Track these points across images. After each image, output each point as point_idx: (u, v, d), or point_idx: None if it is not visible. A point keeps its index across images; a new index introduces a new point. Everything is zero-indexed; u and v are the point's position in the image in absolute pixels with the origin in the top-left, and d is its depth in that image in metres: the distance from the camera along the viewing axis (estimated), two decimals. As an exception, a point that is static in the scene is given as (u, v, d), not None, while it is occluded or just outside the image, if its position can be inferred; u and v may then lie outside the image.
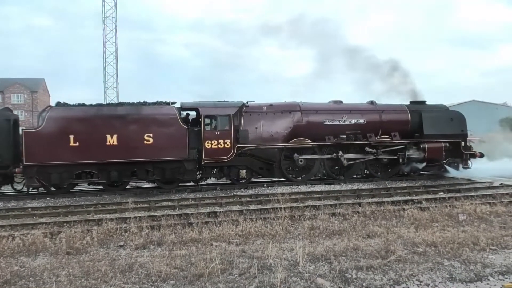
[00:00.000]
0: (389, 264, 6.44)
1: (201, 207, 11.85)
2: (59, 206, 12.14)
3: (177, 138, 14.48)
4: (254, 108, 16.12)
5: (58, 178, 13.99)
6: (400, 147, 16.80)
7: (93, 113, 14.18)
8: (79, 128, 13.86)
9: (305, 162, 16.03)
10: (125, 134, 14.10)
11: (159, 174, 14.76)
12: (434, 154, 16.86)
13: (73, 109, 14.31)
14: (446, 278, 5.87)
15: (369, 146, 16.56)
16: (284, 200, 10.96)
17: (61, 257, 7.32)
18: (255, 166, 15.87)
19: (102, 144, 13.91)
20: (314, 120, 16.52)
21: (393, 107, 17.83)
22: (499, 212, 10.16)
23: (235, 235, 8.48)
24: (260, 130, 15.95)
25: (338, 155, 16.06)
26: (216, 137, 14.95)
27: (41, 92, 58.40)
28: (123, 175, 14.56)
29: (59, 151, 13.62)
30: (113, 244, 8.20)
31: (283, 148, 15.94)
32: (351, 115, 16.89)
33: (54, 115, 13.88)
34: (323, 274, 6.04)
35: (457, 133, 17.40)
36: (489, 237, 7.73)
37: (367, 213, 10.19)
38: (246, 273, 6.15)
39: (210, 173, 15.73)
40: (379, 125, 17.10)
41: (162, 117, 14.56)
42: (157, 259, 6.80)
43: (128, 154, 14.08)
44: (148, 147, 14.21)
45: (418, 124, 17.31)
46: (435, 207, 10.74)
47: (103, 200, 13.26)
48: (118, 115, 14.27)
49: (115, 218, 10.20)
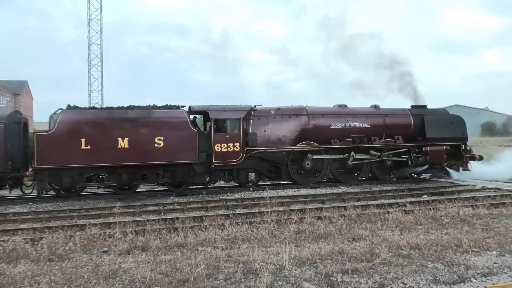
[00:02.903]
0: (374, 267, 6.48)
1: (186, 211, 11.76)
2: (41, 212, 11.91)
3: (187, 141, 14.64)
4: (262, 112, 16.38)
5: (70, 181, 13.93)
6: (404, 150, 17.21)
7: (105, 116, 14.24)
8: (91, 131, 13.91)
9: (312, 165, 16.31)
10: (136, 137, 14.20)
11: (169, 177, 14.89)
12: (436, 157, 17.25)
13: (85, 112, 14.39)
14: (430, 280, 5.93)
15: (374, 149, 16.92)
16: (270, 204, 10.96)
17: (42, 263, 7.16)
18: (264, 169, 16.12)
19: (114, 147, 13.96)
20: (320, 124, 16.83)
21: (396, 111, 18.25)
22: (481, 214, 10.32)
23: (221, 239, 8.43)
24: (268, 133, 16.22)
25: (350, 154, 16.44)
26: (225, 141, 15.17)
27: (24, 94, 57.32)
28: (134, 178, 14.61)
29: (70, 154, 13.63)
30: (96, 250, 8.06)
31: (290, 151, 16.20)
32: (356, 119, 17.24)
33: (66, 118, 13.86)
34: (309, 278, 6.04)
35: (457, 136, 17.89)
36: (472, 239, 7.85)
37: (353, 216, 10.25)
38: (232, 277, 6.11)
39: (219, 176, 15.91)
40: (383, 129, 17.51)
41: (173, 121, 14.70)
42: (141, 265, 6.71)
43: (139, 157, 14.18)
44: (159, 150, 14.34)
45: (420, 128, 17.75)
46: (419, 210, 10.84)
47: (87, 205, 13.07)
48: (130, 118, 14.32)
49: (98, 223, 10.06)
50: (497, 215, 10.46)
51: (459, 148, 17.77)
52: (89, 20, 40.73)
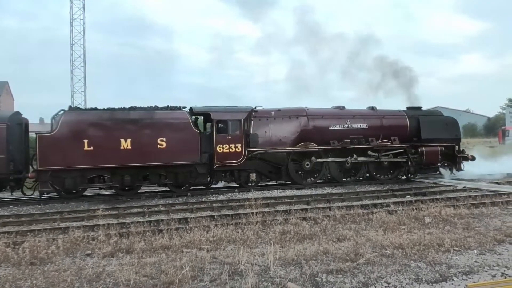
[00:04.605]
0: (358, 267, 6.55)
1: (171, 213, 11.69)
2: (22, 215, 11.70)
3: (189, 142, 14.72)
4: (262, 113, 16.53)
5: (72, 183, 13.83)
6: (400, 151, 17.54)
7: (107, 117, 14.14)
8: (93, 132, 13.86)
9: (311, 166, 16.46)
10: (139, 139, 14.20)
11: (171, 178, 14.92)
12: (431, 158, 17.66)
13: (87, 113, 14.32)
14: (413, 279, 6.02)
15: (371, 150, 17.18)
16: (255, 205, 10.98)
17: (24, 267, 7.02)
18: (265, 169, 16.25)
19: (116, 148, 13.93)
20: (320, 125, 17.06)
21: (393, 113, 18.60)
22: (462, 214, 10.51)
23: (206, 241, 8.40)
24: (269, 134, 16.38)
25: (352, 157, 16.74)
26: (227, 142, 15.29)
27: (4, 95, 56.31)
28: (136, 179, 14.56)
29: (73, 155, 13.54)
30: (79, 253, 7.95)
31: (291, 152, 16.32)
32: (354, 120, 17.54)
33: (69, 119, 13.76)
34: (294, 279, 6.07)
35: (451, 137, 18.36)
36: (453, 239, 7.99)
37: (337, 217, 10.32)
38: (217, 279, 6.10)
39: (221, 176, 15.98)
40: (380, 130, 17.83)
41: (175, 122, 14.77)
42: (125, 268, 6.65)
43: (142, 158, 14.17)
44: (161, 151, 14.37)
45: (416, 129, 18.15)
46: (402, 210, 11.00)
47: (70, 207, 12.87)
48: (132, 119, 14.30)
49: (82, 226, 9.93)
50: (478, 214, 10.67)
51: (453, 149, 18.25)
52: (72, 20, 40.16)
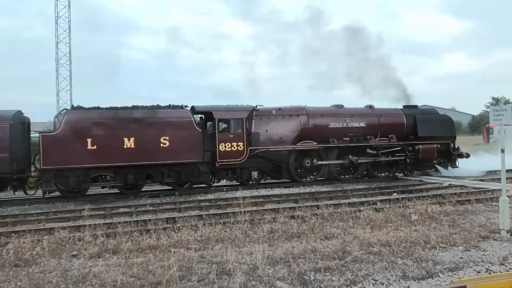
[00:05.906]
0: (346, 264, 6.59)
1: (159, 212, 11.62)
2: (7, 215, 11.50)
3: (192, 141, 14.78)
4: (264, 112, 16.63)
5: (76, 182, 13.74)
6: (397, 149, 17.83)
7: (111, 116, 14.09)
8: (97, 132, 13.82)
9: (311, 164, 16.62)
10: (142, 137, 14.19)
11: (174, 176, 14.92)
12: (427, 155, 18.00)
13: (90, 112, 14.19)
14: (400, 276, 6.08)
15: (370, 148, 17.44)
16: (244, 204, 10.97)
17: (8, 269, 6.90)
18: (266, 167, 16.36)
19: (120, 147, 13.91)
20: (319, 123, 17.22)
21: (390, 111, 18.88)
22: (448, 211, 10.64)
23: (194, 240, 8.37)
24: (270, 132, 16.48)
25: (353, 158, 17.03)
26: (229, 140, 15.38)
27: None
28: (139, 178, 14.53)
29: (77, 154, 13.48)
30: (65, 254, 7.84)
31: (291, 150, 16.45)
32: (353, 119, 17.75)
33: (72, 118, 13.67)
34: (282, 277, 6.08)
35: (447, 135, 18.74)
36: (439, 236, 8.09)
37: (325, 215, 10.37)
38: (205, 279, 6.08)
39: (223, 175, 16.02)
40: (378, 128, 18.08)
41: (178, 121, 14.80)
42: (112, 268, 6.58)
43: (145, 157, 14.19)
44: (164, 150, 14.40)
45: (412, 127, 18.44)
46: (389, 208, 11.11)
47: (56, 208, 12.70)
48: (135, 118, 14.27)
49: (68, 226, 9.80)
50: (463, 211, 10.83)
51: (448, 147, 18.66)
52: (57, 18, 39.51)
